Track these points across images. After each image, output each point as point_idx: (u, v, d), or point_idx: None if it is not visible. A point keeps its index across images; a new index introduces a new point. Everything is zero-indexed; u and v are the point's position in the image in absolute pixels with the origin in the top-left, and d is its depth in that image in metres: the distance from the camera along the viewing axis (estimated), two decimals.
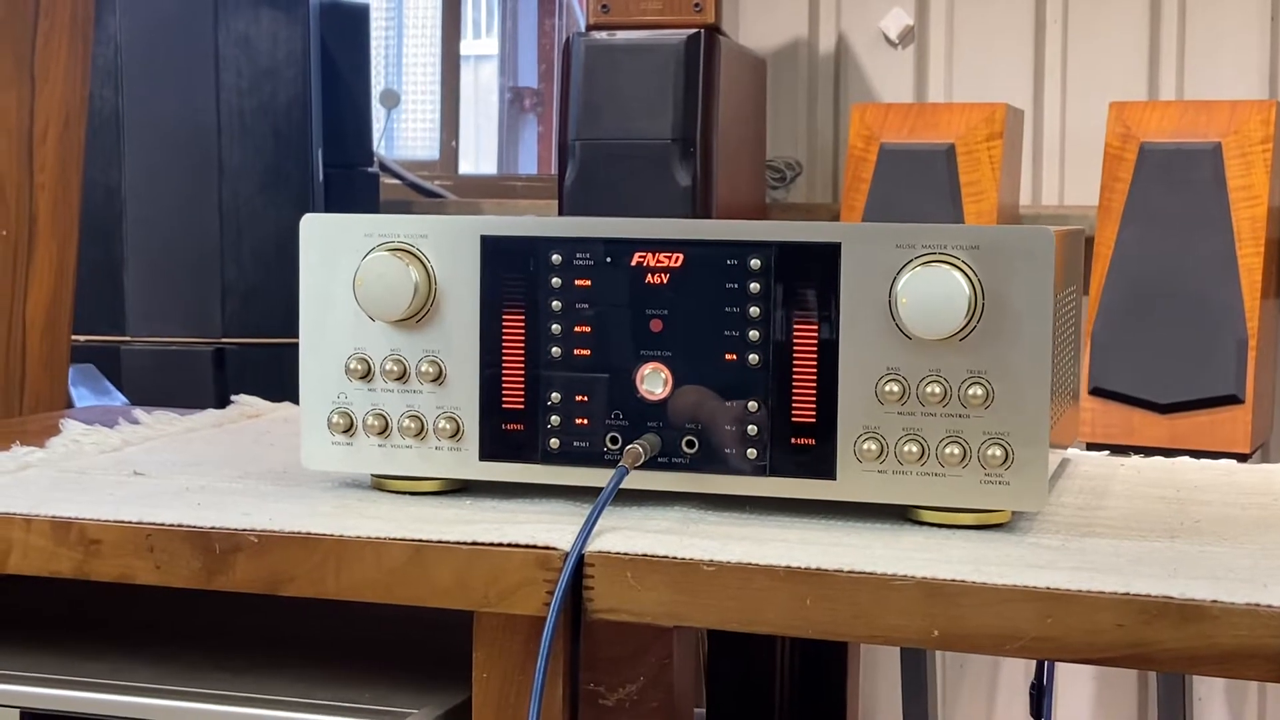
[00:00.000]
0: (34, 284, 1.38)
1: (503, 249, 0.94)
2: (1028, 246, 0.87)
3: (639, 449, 0.90)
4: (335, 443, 0.97)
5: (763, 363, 0.91)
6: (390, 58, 3.85)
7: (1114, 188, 2.10)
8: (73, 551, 0.91)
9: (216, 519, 0.90)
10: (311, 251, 0.96)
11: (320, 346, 0.97)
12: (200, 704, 0.92)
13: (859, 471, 0.90)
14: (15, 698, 0.94)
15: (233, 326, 2.37)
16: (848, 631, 0.81)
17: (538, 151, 3.44)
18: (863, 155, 2.33)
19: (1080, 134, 2.43)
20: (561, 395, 0.93)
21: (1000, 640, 0.79)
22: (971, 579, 0.79)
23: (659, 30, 2.19)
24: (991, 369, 0.88)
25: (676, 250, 0.92)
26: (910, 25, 2.55)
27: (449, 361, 0.95)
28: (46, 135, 1.39)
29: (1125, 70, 2.43)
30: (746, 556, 0.83)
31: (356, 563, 0.87)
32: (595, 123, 2.19)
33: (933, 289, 0.87)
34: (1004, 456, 0.87)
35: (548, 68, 3.40)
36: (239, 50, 2.37)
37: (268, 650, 1.02)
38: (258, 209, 2.37)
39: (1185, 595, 0.76)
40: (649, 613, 0.84)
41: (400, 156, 3.23)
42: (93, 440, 1.14)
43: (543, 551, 0.85)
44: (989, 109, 2.28)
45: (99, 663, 0.99)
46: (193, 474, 1.03)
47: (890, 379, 0.89)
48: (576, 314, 0.93)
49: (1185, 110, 2.16)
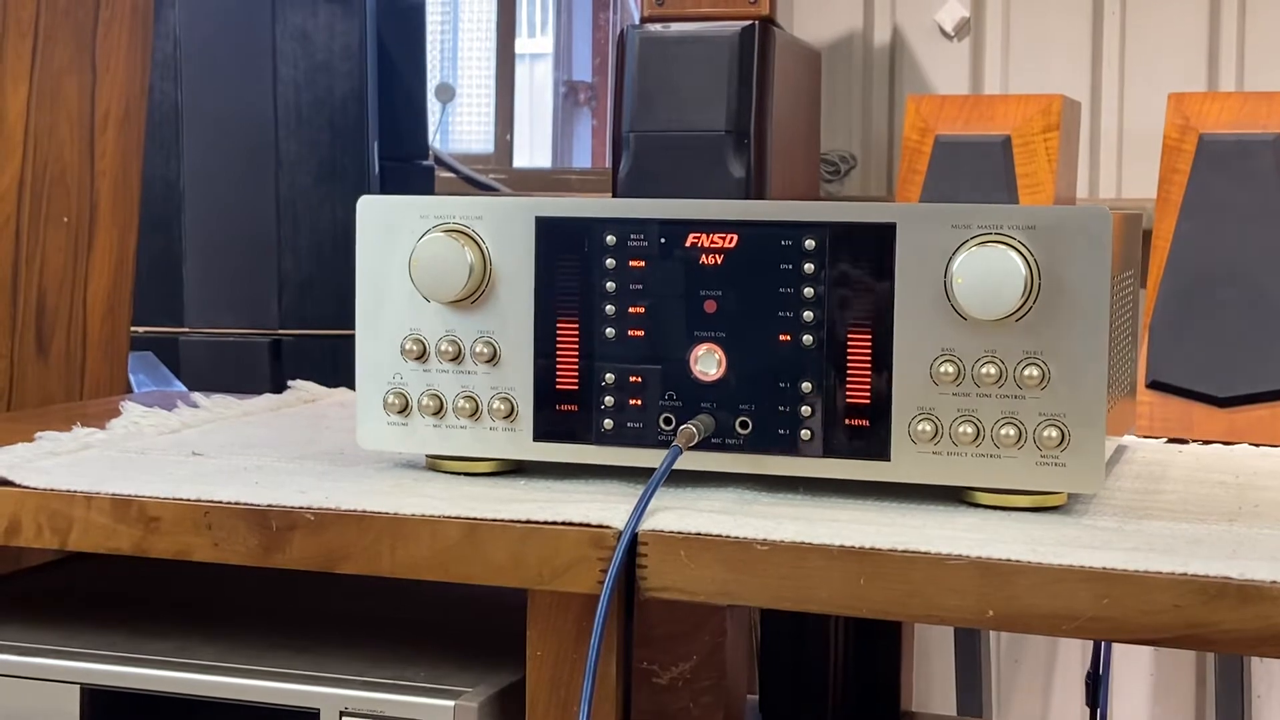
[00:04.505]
0: (95, 270, 1.40)
1: (557, 230, 0.94)
2: (1085, 226, 0.86)
3: (693, 429, 0.90)
4: (391, 423, 0.97)
5: (817, 343, 0.90)
6: (445, 53, 3.87)
7: (1172, 179, 2.07)
8: (132, 528, 0.92)
9: (273, 497, 0.91)
10: (368, 233, 0.97)
11: (376, 327, 0.97)
12: (260, 681, 0.93)
13: (913, 453, 0.89)
14: (76, 674, 0.96)
15: (289, 318, 2.38)
16: (902, 611, 0.81)
17: (591, 145, 3.45)
18: (918, 147, 2.32)
19: (1138, 125, 2.41)
20: (615, 376, 0.94)
21: (1056, 621, 0.78)
22: (1027, 559, 0.79)
23: (713, 22, 2.19)
24: (1048, 350, 0.87)
25: (731, 231, 0.92)
26: (966, 17, 2.53)
27: (503, 342, 0.95)
28: (107, 124, 1.40)
29: (1184, 61, 2.41)
30: (800, 536, 0.83)
31: (411, 541, 0.88)
32: (649, 115, 2.19)
33: (989, 269, 0.86)
34: (1060, 438, 0.87)
35: (602, 61, 3.40)
36: (296, 44, 2.39)
37: (324, 630, 1.03)
38: (314, 202, 2.39)
39: (1245, 576, 0.76)
40: (702, 591, 0.84)
41: (455, 150, 3.25)
42: (152, 422, 1.15)
43: (596, 530, 0.85)
44: (1045, 100, 2.26)
45: (158, 641, 1.00)
46: (250, 455, 1.04)
47: (945, 360, 0.88)
48: (631, 295, 0.93)
49: (1245, 101, 2.14)
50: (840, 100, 2.59)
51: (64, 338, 1.37)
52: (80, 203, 1.38)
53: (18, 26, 1.31)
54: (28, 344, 1.33)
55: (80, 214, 1.38)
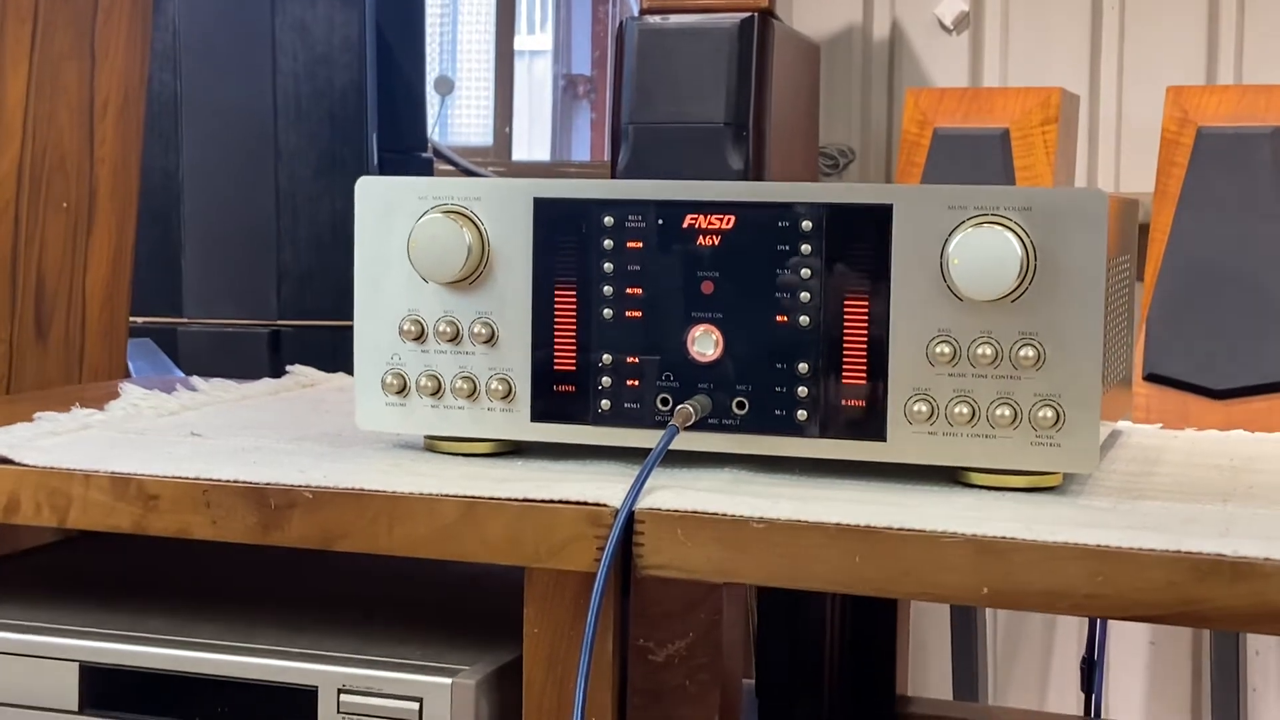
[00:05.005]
0: (94, 256, 1.40)
1: (555, 211, 0.95)
2: (1081, 207, 0.87)
3: (689, 409, 0.91)
4: (389, 404, 0.98)
5: (814, 324, 0.91)
6: (445, 45, 3.87)
7: (1170, 172, 2.08)
8: (131, 506, 0.92)
9: (272, 475, 0.91)
10: (366, 214, 0.97)
11: (374, 308, 0.98)
12: (258, 659, 0.93)
13: (909, 433, 0.90)
14: (74, 651, 0.96)
15: (288, 309, 2.38)
16: (897, 588, 0.82)
17: (590, 138, 3.45)
18: (916, 140, 2.32)
19: (1136, 119, 2.41)
20: (613, 357, 0.94)
21: (1050, 598, 0.79)
22: (1022, 536, 0.79)
23: (712, 14, 2.19)
24: (1043, 330, 0.87)
25: (728, 212, 0.92)
26: (965, 11, 2.54)
27: (501, 323, 0.96)
28: (107, 110, 1.41)
29: (1183, 54, 2.41)
30: (796, 514, 0.83)
31: (409, 519, 0.88)
32: (648, 106, 2.19)
33: (985, 250, 0.87)
34: (1055, 418, 0.87)
35: (601, 54, 3.41)
36: (296, 36, 2.39)
37: (322, 608, 1.03)
38: (313, 193, 2.39)
39: (1237, 553, 0.76)
40: (699, 569, 0.84)
41: (454, 143, 3.25)
42: (151, 404, 1.16)
43: (593, 508, 0.86)
44: (1044, 93, 2.27)
45: (156, 619, 1.00)
46: (249, 436, 1.05)
47: (941, 340, 0.89)
48: (628, 276, 0.94)
49: (1244, 94, 2.14)
50: (839, 93, 2.59)
51: (63, 323, 1.37)
52: (79, 189, 1.38)
53: (17, 12, 1.32)
54: (27, 328, 1.34)
55: (79, 200, 1.38)
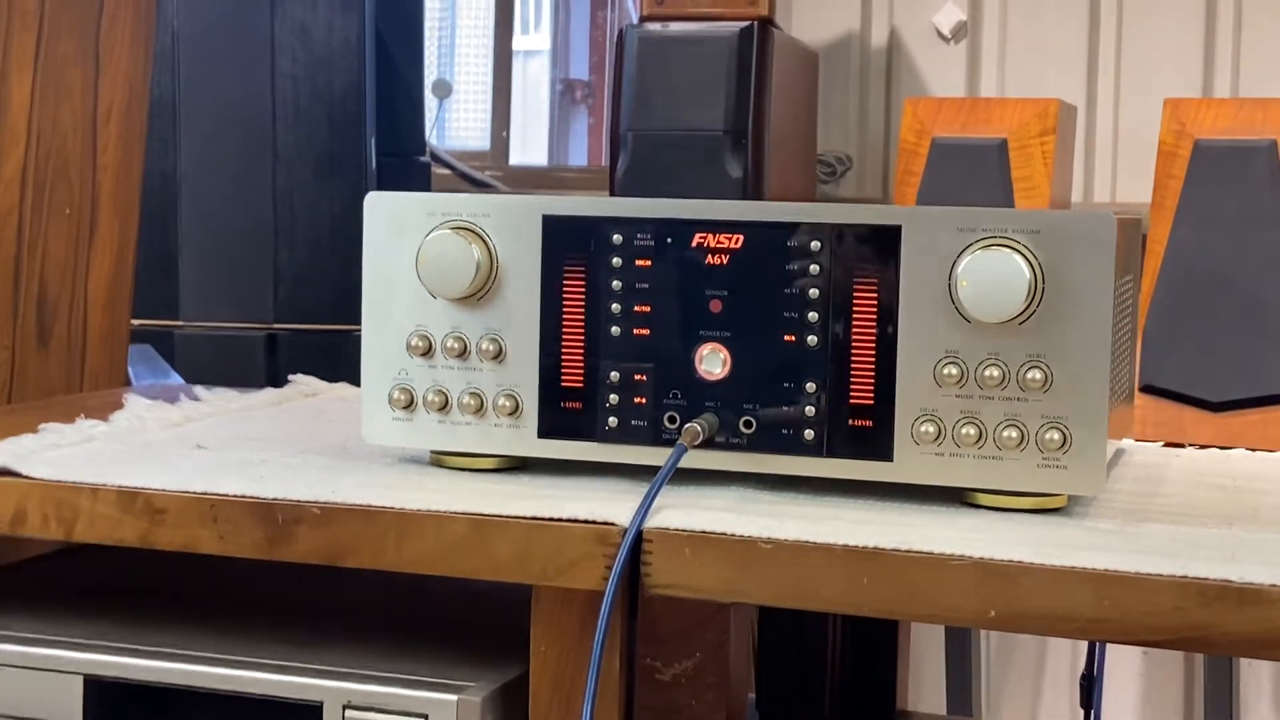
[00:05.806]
0: (95, 262, 1.40)
1: (564, 229, 0.95)
2: (1090, 231, 0.87)
3: (697, 428, 0.91)
4: (396, 418, 0.98)
5: (821, 344, 0.91)
6: (443, 49, 3.87)
7: (1167, 185, 2.08)
8: (138, 520, 0.93)
9: (279, 490, 0.91)
10: (375, 229, 0.98)
11: (382, 323, 0.98)
12: (263, 674, 0.93)
13: (916, 454, 0.90)
14: (79, 665, 0.96)
15: (285, 312, 2.38)
16: (904, 610, 0.82)
17: (588, 143, 3.45)
18: (914, 149, 2.32)
19: (1134, 130, 2.42)
20: (620, 374, 0.94)
21: (1056, 621, 0.79)
22: (1029, 560, 0.80)
23: (712, 22, 2.19)
24: (1050, 353, 0.88)
25: (737, 231, 0.93)
26: (963, 20, 2.54)
27: (509, 339, 0.96)
28: (110, 116, 1.41)
29: (1180, 66, 2.42)
30: (803, 534, 0.83)
31: (417, 535, 0.88)
32: (647, 114, 2.19)
33: (993, 272, 0.87)
34: (1062, 440, 0.88)
35: (599, 60, 3.41)
36: (295, 38, 2.39)
37: (328, 623, 1.03)
38: (311, 196, 2.39)
39: (1244, 579, 0.77)
40: (706, 589, 0.84)
41: (451, 147, 3.25)
42: (156, 415, 1.16)
43: (601, 527, 0.86)
44: (1042, 104, 2.27)
45: (162, 632, 1.00)
46: (254, 448, 1.05)
47: (949, 362, 0.89)
48: (636, 294, 0.94)
49: (1241, 107, 2.15)
50: (837, 101, 2.60)
51: (65, 328, 1.37)
52: (82, 194, 1.38)
53: (23, 18, 1.32)
54: (29, 334, 1.34)
55: (82, 205, 1.38)
